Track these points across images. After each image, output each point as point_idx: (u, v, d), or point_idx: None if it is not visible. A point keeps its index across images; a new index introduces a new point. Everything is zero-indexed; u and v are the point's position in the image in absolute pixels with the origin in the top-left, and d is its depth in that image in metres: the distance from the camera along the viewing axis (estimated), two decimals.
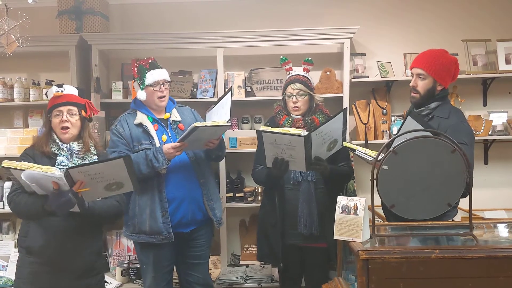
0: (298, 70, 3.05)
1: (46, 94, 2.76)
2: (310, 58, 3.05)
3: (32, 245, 2.50)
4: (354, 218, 2.07)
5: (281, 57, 3.09)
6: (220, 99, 2.99)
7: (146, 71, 2.92)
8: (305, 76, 3.01)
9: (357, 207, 2.08)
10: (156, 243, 2.90)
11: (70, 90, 2.65)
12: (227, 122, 2.79)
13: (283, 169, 2.72)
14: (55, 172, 2.26)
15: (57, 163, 2.50)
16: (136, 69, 2.95)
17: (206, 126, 2.69)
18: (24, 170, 2.24)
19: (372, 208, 2.13)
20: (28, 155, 2.54)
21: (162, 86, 2.95)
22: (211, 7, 4.31)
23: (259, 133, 2.65)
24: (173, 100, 3.12)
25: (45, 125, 2.66)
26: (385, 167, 2.04)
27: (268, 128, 2.64)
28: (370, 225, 2.12)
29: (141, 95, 2.94)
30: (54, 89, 2.63)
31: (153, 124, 2.95)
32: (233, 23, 4.24)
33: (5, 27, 1.68)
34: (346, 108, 2.87)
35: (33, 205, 2.38)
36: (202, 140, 2.83)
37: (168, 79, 3.00)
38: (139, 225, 2.90)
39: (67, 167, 2.38)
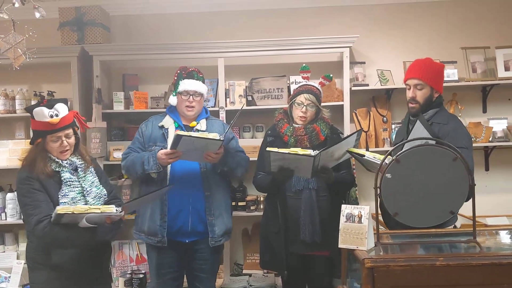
0: (298, 80, 3.09)
1: (29, 110, 2.53)
2: (331, 75, 3.10)
3: (58, 262, 2.48)
4: (359, 226, 2.08)
5: (303, 65, 3.11)
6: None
7: (181, 79, 3.02)
8: (319, 89, 3.04)
9: (361, 215, 2.09)
10: (158, 247, 2.95)
11: (63, 110, 2.51)
12: (221, 137, 2.75)
13: (287, 176, 2.74)
14: (113, 210, 2.34)
15: (64, 181, 2.51)
16: (176, 74, 3.06)
17: (190, 136, 2.71)
18: (84, 214, 2.30)
19: (376, 216, 2.14)
20: (33, 179, 2.46)
21: (191, 96, 2.99)
22: (211, 17, 4.35)
23: (267, 152, 2.67)
24: (207, 111, 3.18)
25: (36, 148, 2.53)
26: (389, 175, 2.06)
27: (276, 149, 2.65)
28: (374, 233, 2.13)
29: (172, 100, 3.07)
30: (45, 112, 2.45)
31: (176, 129, 2.98)
32: (233, 33, 4.28)
33: (12, 41, 1.70)
34: (361, 130, 2.88)
35: (77, 239, 2.40)
36: (198, 152, 2.80)
37: (201, 91, 3.03)
38: (141, 224, 3.00)
39: (123, 203, 2.50)
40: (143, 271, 3.97)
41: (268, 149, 2.67)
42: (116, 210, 2.34)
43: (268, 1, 4.29)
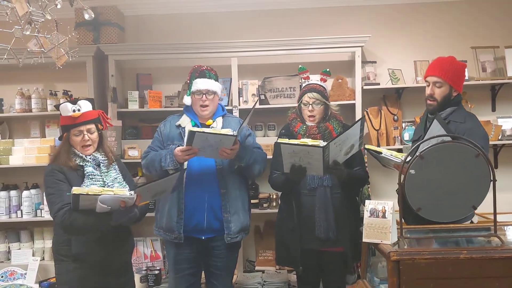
0: (314, 78, 3.13)
1: (57, 107, 2.73)
2: (328, 70, 3.12)
3: (79, 252, 2.58)
4: (383, 221, 2.14)
5: (300, 66, 3.16)
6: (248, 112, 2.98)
7: (194, 79, 3.04)
8: (322, 86, 3.07)
9: (385, 210, 2.15)
10: (176, 243, 2.99)
11: (86, 106, 2.67)
12: (234, 132, 2.77)
13: (301, 175, 2.78)
14: (126, 193, 2.44)
15: (86, 174, 2.62)
16: (190, 73, 3.08)
17: (203, 132, 2.73)
18: (98, 195, 2.38)
19: (400, 211, 2.19)
20: (57, 171, 2.60)
21: (205, 95, 3.00)
22: (225, 17, 4.40)
23: (277, 144, 2.71)
24: (223, 107, 3.18)
25: (62, 142, 2.70)
26: (412, 171, 2.11)
27: (286, 140, 2.68)
28: (398, 228, 2.19)
29: (186, 100, 3.09)
30: (69, 107, 2.63)
31: (193, 127, 3.00)
32: (246, 33, 4.33)
33: (55, 41, 1.76)
34: (364, 116, 2.93)
35: (95, 223, 2.49)
36: (213, 148, 2.82)
37: (214, 89, 3.04)
38: (159, 221, 3.05)
39: (137, 186, 2.58)
40: (158, 268, 4.03)
41: (278, 140, 2.71)
42: (130, 194, 2.44)
43: (280, 1, 4.34)
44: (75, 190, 2.41)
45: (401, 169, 2.13)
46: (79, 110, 2.62)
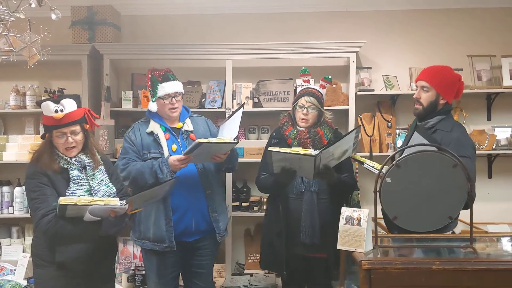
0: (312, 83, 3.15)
1: (38, 104, 2.54)
2: (330, 77, 3.13)
3: (63, 261, 2.46)
4: (358, 229, 2.13)
5: (303, 68, 3.15)
6: (233, 113, 3.02)
7: (158, 84, 2.96)
8: (320, 92, 3.07)
9: (360, 218, 2.13)
10: (159, 251, 2.95)
11: (69, 106, 2.47)
12: (234, 139, 2.82)
13: (290, 177, 2.78)
14: (117, 203, 2.32)
15: (72, 178, 2.49)
16: (149, 80, 3.00)
17: (210, 142, 2.74)
18: (87, 205, 2.28)
19: (375, 219, 2.18)
20: (40, 174, 2.45)
21: (173, 98, 2.98)
22: (220, 20, 4.41)
23: (268, 152, 2.70)
24: (187, 109, 3.16)
25: (44, 143, 2.54)
26: (388, 179, 2.10)
27: (277, 149, 2.68)
28: (373, 236, 2.17)
29: (152, 107, 3.01)
30: (51, 107, 2.43)
31: (165, 133, 3.00)
32: (241, 35, 4.33)
33: (27, 41, 1.76)
34: (359, 126, 2.91)
35: (81, 232, 2.39)
36: (208, 154, 2.86)
37: (181, 90, 3.03)
38: (144, 231, 2.96)
39: (128, 196, 2.46)
40: None
41: (269, 148, 2.71)
42: (121, 203, 2.32)
43: (276, 5, 4.34)
44: (63, 200, 2.28)
45: (377, 177, 2.12)
46: (62, 110, 2.43)
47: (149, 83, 3.00)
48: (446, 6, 4.32)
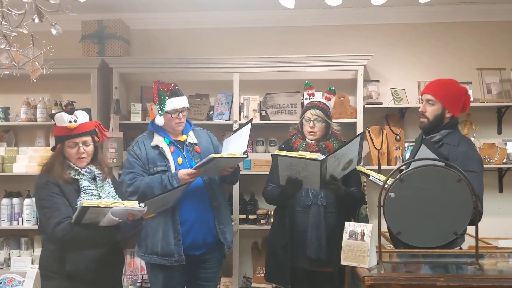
0: (317, 96, 3.15)
1: (52, 116, 2.63)
2: (333, 88, 3.12)
3: (73, 269, 2.49)
4: (361, 244, 2.10)
5: (306, 82, 3.17)
6: (239, 128, 3.04)
7: (167, 98, 3.00)
8: (325, 104, 3.07)
9: (364, 233, 2.11)
10: (167, 265, 2.94)
11: (82, 117, 2.58)
12: (244, 153, 2.85)
13: (296, 188, 2.76)
14: (136, 205, 2.39)
15: (82, 188, 2.54)
16: (156, 94, 3.03)
17: (223, 157, 2.78)
18: (109, 207, 2.34)
19: (378, 234, 2.16)
20: (52, 184, 2.50)
21: (180, 113, 3.02)
22: (228, 33, 4.44)
23: (275, 156, 2.69)
24: (190, 122, 3.19)
25: (56, 153, 2.62)
26: (392, 194, 2.08)
27: (284, 153, 2.68)
28: (377, 252, 2.15)
29: (159, 120, 3.03)
30: (65, 117, 2.54)
31: (169, 146, 3.02)
32: (249, 49, 4.35)
33: (30, 55, 1.79)
34: (364, 132, 2.91)
35: (98, 237, 2.45)
36: (217, 168, 2.91)
37: (187, 105, 3.07)
38: (151, 246, 2.94)
39: (147, 200, 2.50)
40: None
41: (276, 152, 2.69)
42: (140, 206, 2.39)
43: (284, 18, 4.36)
44: (86, 202, 2.33)
45: (381, 190, 2.10)
46: (75, 121, 2.54)
47: (156, 96, 3.03)
48: (454, 20, 4.30)
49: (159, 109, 3.02)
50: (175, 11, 4.36)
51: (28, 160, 4.21)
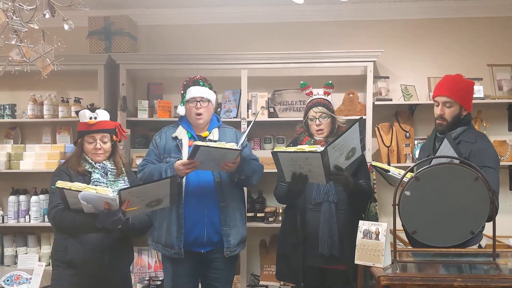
0: (319, 92, 3.09)
1: (76, 113, 2.85)
2: (330, 82, 3.08)
3: (73, 259, 2.58)
4: (376, 243, 2.07)
5: (301, 82, 3.13)
6: (249, 123, 3.00)
7: (188, 87, 3.02)
8: (326, 99, 3.04)
9: (378, 232, 2.08)
10: (174, 258, 2.94)
11: (103, 116, 2.76)
12: (238, 146, 2.77)
13: (302, 183, 2.73)
14: (109, 193, 2.41)
15: (92, 180, 2.64)
16: (183, 86, 3.07)
17: (208, 146, 2.70)
18: (79, 191, 2.37)
19: (394, 233, 2.12)
20: (64, 172, 2.65)
21: (198, 103, 2.98)
22: (236, 29, 4.40)
23: (274, 153, 2.64)
24: (218, 119, 3.16)
25: (76, 147, 2.78)
26: (407, 192, 2.04)
27: (283, 148, 2.65)
28: (392, 251, 2.11)
29: (180, 110, 3.07)
30: (87, 114, 2.72)
31: (189, 139, 2.99)
32: (257, 45, 4.31)
33: (41, 51, 1.77)
34: (361, 117, 2.87)
35: (81, 223, 2.49)
36: (215, 161, 2.80)
37: (207, 96, 3.02)
38: (157, 236, 2.99)
39: (120, 188, 2.52)
40: (160, 278, 4.01)
41: (274, 149, 2.65)
42: (114, 195, 2.41)
43: (292, 14, 4.32)
44: (59, 183, 2.42)
45: (398, 186, 2.06)
46: (95, 118, 2.71)
47: (182, 87, 3.07)
48: (464, 15, 4.25)
49: (181, 99, 3.06)
50: (182, 7, 4.33)
51: (35, 157, 4.19)
